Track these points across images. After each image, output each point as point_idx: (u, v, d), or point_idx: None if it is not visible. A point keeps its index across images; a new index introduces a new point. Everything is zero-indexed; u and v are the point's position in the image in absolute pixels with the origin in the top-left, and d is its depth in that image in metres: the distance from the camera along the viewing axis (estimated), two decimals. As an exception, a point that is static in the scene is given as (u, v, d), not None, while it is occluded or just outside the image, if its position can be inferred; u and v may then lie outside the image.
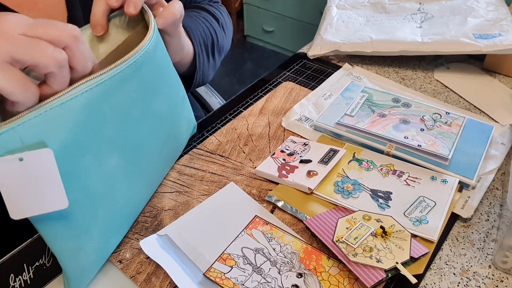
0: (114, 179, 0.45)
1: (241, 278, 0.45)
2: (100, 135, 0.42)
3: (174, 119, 0.55)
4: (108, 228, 0.46)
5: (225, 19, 0.76)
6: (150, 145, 0.50)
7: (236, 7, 2.56)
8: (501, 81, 0.76)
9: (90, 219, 0.43)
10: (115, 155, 0.45)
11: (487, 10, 0.82)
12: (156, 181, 0.55)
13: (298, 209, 0.52)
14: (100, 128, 0.42)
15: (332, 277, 0.45)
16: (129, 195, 0.48)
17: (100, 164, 0.43)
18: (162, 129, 0.52)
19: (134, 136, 0.47)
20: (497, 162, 0.59)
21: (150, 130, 0.50)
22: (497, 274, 0.47)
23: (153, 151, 0.51)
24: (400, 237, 0.47)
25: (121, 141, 0.45)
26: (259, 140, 0.63)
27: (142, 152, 0.49)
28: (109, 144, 0.44)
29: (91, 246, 0.44)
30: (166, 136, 0.53)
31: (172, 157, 0.58)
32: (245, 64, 2.51)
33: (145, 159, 0.50)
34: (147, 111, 0.48)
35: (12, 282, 0.47)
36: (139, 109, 0.47)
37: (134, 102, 0.46)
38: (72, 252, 0.42)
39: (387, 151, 0.59)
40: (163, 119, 0.52)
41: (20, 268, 0.48)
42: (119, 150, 0.45)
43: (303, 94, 0.72)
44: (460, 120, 0.62)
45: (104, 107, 0.42)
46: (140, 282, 0.46)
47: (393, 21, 0.84)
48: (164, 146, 0.54)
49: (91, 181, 0.42)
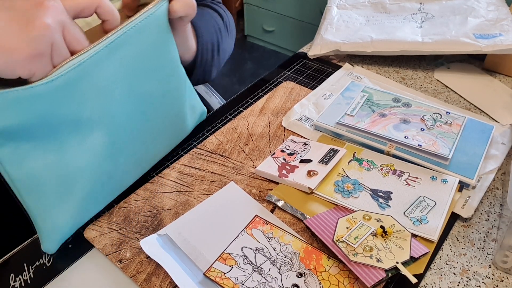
0: (96, 154, 0.47)
1: (241, 278, 0.45)
2: (78, 112, 0.44)
3: (172, 102, 0.55)
4: (86, 198, 0.48)
5: (229, 19, 0.76)
6: (138, 125, 0.51)
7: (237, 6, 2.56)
8: (502, 81, 0.76)
9: (65, 187, 0.46)
10: (97, 132, 0.46)
11: (487, 10, 0.82)
12: (147, 160, 0.56)
13: (298, 209, 0.52)
14: (80, 105, 0.44)
15: (332, 277, 0.45)
16: (113, 170, 0.50)
17: (80, 139, 0.45)
18: (153, 110, 0.52)
19: (119, 115, 0.48)
20: (497, 161, 0.59)
21: (137, 110, 0.50)
22: (497, 274, 0.47)
23: (143, 131, 0.52)
24: (400, 236, 0.47)
25: (104, 119, 0.47)
26: (259, 139, 0.63)
27: (129, 131, 0.50)
28: (89, 121, 0.45)
29: (65, 210, 0.47)
30: (160, 118, 0.54)
31: (169, 140, 0.59)
32: (245, 64, 2.51)
33: (133, 138, 0.51)
34: (133, 92, 0.49)
35: (12, 282, 0.47)
36: (122, 89, 0.48)
37: (117, 83, 0.47)
38: (45, 209, 0.45)
39: (387, 151, 0.59)
40: (154, 100, 0.52)
41: (20, 267, 0.48)
42: (102, 128, 0.47)
43: (303, 93, 0.72)
44: (461, 120, 0.62)
45: (84, 85, 0.43)
46: (140, 281, 0.46)
47: (394, 21, 0.84)
48: (158, 127, 0.54)
49: (69, 154, 0.45)
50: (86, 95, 0.44)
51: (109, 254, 0.48)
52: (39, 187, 0.44)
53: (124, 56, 0.46)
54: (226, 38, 0.73)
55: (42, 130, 0.42)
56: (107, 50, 0.44)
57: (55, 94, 0.41)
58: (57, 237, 0.48)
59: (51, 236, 0.47)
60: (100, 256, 0.49)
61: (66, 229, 0.48)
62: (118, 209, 0.53)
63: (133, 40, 0.47)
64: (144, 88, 0.50)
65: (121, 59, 0.46)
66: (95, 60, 0.43)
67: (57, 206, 0.46)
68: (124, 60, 0.47)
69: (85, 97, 0.44)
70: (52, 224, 0.47)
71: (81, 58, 0.42)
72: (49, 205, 0.45)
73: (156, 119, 0.54)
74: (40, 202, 0.45)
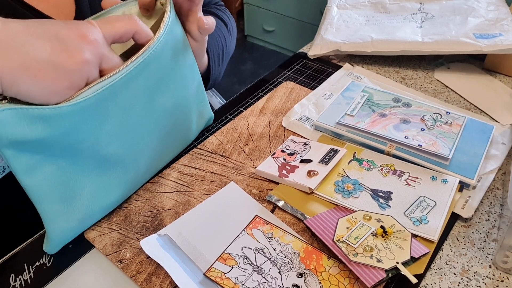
0: (108, 164, 0.48)
1: (242, 278, 0.45)
2: (100, 128, 0.44)
3: (181, 112, 0.56)
4: (93, 205, 0.49)
5: (232, 24, 0.77)
6: (150, 136, 0.52)
7: (237, 6, 2.56)
8: (502, 81, 0.76)
9: (74, 195, 0.47)
10: (113, 145, 0.47)
11: (487, 10, 0.82)
12: (155, 167, 0.56)
13: (299, 209, 0.52)
14: (102, 123, 0.44)
15: (333, 277, 0.45)
16: (123, 180, 0.51)
17: (96, 150, 0.45)
18: (165, 121, 0.53)
19: (135, 129, 0.49)
20: (497, 161, 0.59)
21: (152, 123, 0.51)
22: (498, 274, 0.47)
23: (153, 142, 0.53)
24: (401, 237, 0.47)
25: (121, 133, 0.47)
26: (260, 140, 0.63)
27: (142, 143, 0.51)
28: (108, 136, 0.46)
29: (74, 214, 0.47)
30: (170, 128, 0.55)
31: (176, 147, 0.59)
32: (245, 64, 2.51)
33: (144, 149, 0.52)
34: (151, 106, 0.50)
35: (13, 282, 0.47)
36: (142, 105, 0.48)
37: (138, 99, 0.47)
38: (55, 215, 0.46)
39: (388, 151, 0.59)
40: (167, 112, 0.53)
41: (20, 267, 0.48)
42: (118, 141, 0.47)
43: (304, 93, 0.72)
44: (461, 120, 0.62)
45: (109, 105, 0.44)
46: (140, 281, 0.46)
47: (394, 21, 0.84)
48: (167, 137, 0.55)
49: (82, 165, 0.46)
50: (109, 114, 0.44)
51: (109, 254, 0.48)
52: (48, 194, 0.44)
53: (149, 73, 0.47)
54: (230, 42, 0.73)
55: (60, 144, 0.42)
56: (137, 70, 0.45)
57: (80, 115, 0.41)
58: (61, 240, 0.48)
59: (56, 239, 0.47)
60: (100, 256, 0.49)
61: (71, 233, 0.49)
62: (118, 209, 0.53)
63: (158, 56, 0.47)
64: (161, 100, 0.51)
65: (147, 76, 0.47)
66: (125, 80, 0.44)
67: (65, 213, 0.46)
68: (148, 77, 0.47)
69: (108, 115, 0.44)
70: (60, 229, 0.47)
71: (111, 80, 0.42)
72: (57, 211, 0.46)
73: (165, 129, 0.54)
74: (49, 208, 0.45)
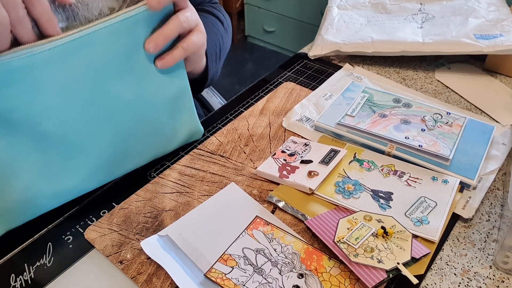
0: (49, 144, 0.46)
1: (242, 279, 0.45)
2: (31, 99, 0.43)
3: (150, 111, 0.53)
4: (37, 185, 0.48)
5: (227, 21, 0.76)
6: (104, 125, 0.49)
7: (237, 7, 2.56)
8: (502, 82, 0.76)
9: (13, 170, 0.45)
10: (50, 122, 0.45)
11: (488, 11, 0.82)
12: (123, 162, 0.54)
13: (299, 210, 0.52)
14: (32, 94, 0.43)
15: (333, 278, 0.45)
16: (75, 165, 0.49)
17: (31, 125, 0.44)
18: (124, 114, 0.50)
19: (79, 111, 0.47)
20: (498, 162, 0.59)
21: (103, 110, 0.49)
22: (498, 275, 0.47)
23: (109, 132, 0.50)
24: (401, 237, 0.47)
25: (60, 111, 0.45)
26: (260, 140, 0.63)
27: (92, 129, 0.49)
28: (43, 110, 0.44)
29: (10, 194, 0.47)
30: (134, 123, 0.52)
31: (150, 148, 0.57)
32: (245, 64, 2.51)
33: (98, 137, 0.50)
34: (99, 91, 0.47)
35: (13, 282, 0.47)
36: (86, 87, 0.46)
37: (80, 78, 0.45)
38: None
39: (388, 151, 0.59)
40: (126, 105, 0.50)
41: (20, 268, 0.48)
42: (56, 119, 0.45)
43: (304, 94, 0.72)
44: (461, 120, 0.62)
45: (38, 75, 0.42)
46: (141, 282, 0.46)
47: (394, 21, 0.84)
48: (132, 132, 0.52)
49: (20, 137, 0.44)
50: (39, 85, 0.43)
51: (109, 255, 0.48)
52: None
53: (93, 54, 0.45)
54: (226, 40, 0.73)
55: None
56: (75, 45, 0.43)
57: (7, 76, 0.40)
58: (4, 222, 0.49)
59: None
60: (100, 257, 0.49)
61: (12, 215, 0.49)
62: (118, 210, 0.53)
63: (109, 39, 0.45)
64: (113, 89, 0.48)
65: (90, 56, 0.45)
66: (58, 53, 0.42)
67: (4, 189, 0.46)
68: (92, 58, 0.45)
69: (38, 86, 0.43)
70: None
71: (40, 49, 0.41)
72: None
73: (129, 122, 0.51)
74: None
